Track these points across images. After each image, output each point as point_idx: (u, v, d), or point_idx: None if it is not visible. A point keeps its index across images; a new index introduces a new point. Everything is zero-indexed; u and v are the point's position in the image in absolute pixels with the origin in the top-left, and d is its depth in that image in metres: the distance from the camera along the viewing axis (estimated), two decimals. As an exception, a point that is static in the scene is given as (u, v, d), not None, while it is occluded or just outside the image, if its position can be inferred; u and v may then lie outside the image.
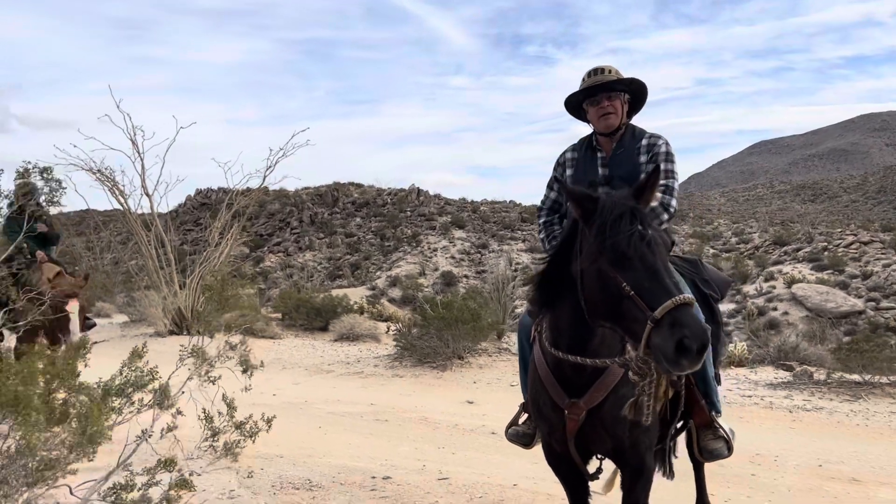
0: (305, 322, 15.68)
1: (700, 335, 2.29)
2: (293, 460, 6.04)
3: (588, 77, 3.73)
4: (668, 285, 2.42)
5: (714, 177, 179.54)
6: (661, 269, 2.47)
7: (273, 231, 50.25)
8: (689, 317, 2.33)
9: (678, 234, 51.13)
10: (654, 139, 3.71)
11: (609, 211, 2.60)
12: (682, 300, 2.35)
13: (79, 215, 41.11)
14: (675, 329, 2.30)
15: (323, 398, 8.69)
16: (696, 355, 2.28)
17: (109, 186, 14.15)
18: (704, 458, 3.62)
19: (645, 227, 2.55)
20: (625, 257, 2.50)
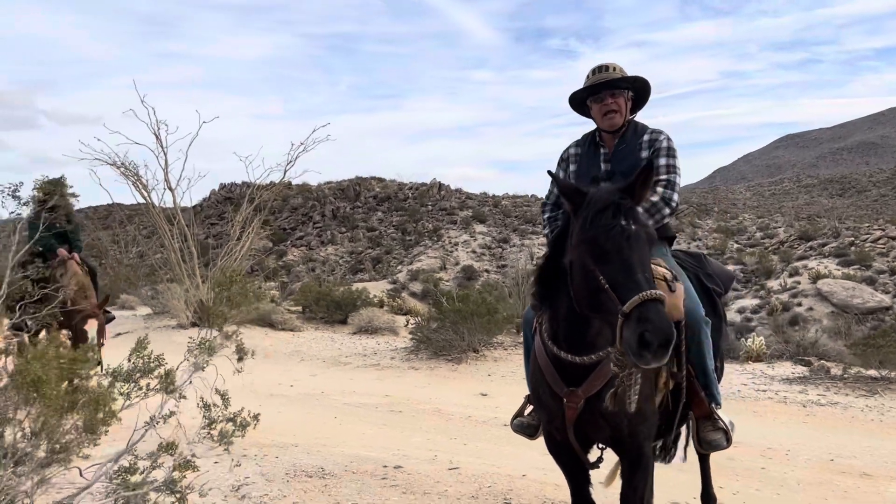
0: (325, 315, 15.82)
1: (662, 331, 2.34)
2: (307, 449, 6.16)
3: (592, 74, 3.77)
4: (640, 280, 2.48)
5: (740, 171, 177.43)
6: (635, 265, 2.52)
7: (296, 225, 50.61)
8: (654, 312, 2.38)
9: (702, 228, 50.74)
10: (656, 134, 3.74)
11: (593, 205, 2.67)
12: (649, 296, 2.41)
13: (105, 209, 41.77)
14: (639, 324, 2.37)
15: (339, 389, 8.83)
16: (659, 349, 2.34)
17: (133, 181, 14.41)
18: (704, 449, 3.66)
19: (628, 222, 2.61)
20: (603, 251, 2.57)
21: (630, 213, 2.64)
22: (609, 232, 2.58)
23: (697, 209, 60.69)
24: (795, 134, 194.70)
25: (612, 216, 2.61)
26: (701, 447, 3.63)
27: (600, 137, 3.84)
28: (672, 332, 2.37)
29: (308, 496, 5.06)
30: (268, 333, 13.41)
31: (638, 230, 2.61)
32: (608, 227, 2.58)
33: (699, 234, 47.67)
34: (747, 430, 7.02)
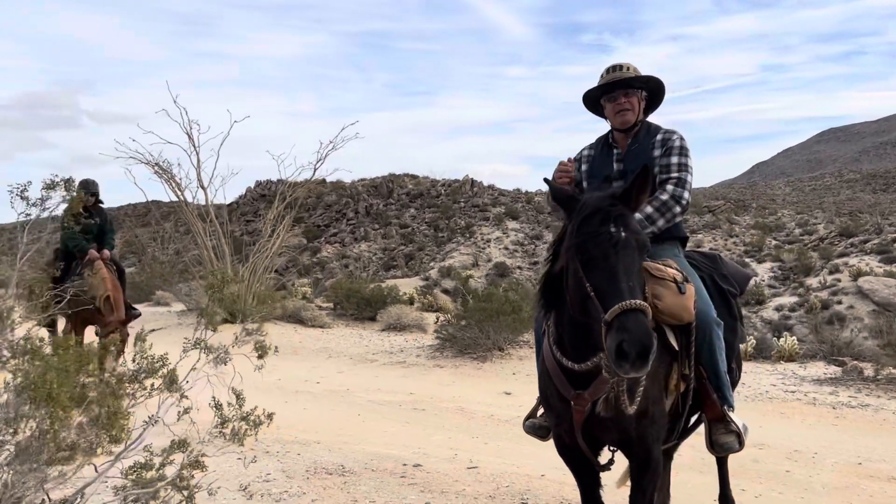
0: (356, 312, 15.93)
1: (640, 342, 2.33)
2: (329, 446, 6.23)
3: (606, 73, 3.76)
4: (622, 289, 2.46)
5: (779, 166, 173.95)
6: (619, 272, 2.51)
7: (330, 222, 50.99)
8: (633, 322, 2.37)
9: (739, 224, 49.87)
10: (669, 134, 3.72)
11: (582, 211, 2.67)
12: (629, 305, 2.40)
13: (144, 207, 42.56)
14: (618, 333, 2.37)
15: (364, 387, 8.89)
16: (637, 360, 2.34)
17: (167, 179, 14.67)
18: (716, 452, 3.63)
19: (618, 229, 2.59)
20: (590, 257, 2.57)
21: (620, 220, 2.62)
22: (596, 238, 2.57)
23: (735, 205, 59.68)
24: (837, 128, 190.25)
25: (601, 223, 2.60)
26: (713, 450, 3.60)
27: (613, 138, 3.82)
28: (651, 343, 2.36)
29: (327, 493, 5.12)
30: (297, 330, 13.56)
31: (627, 237, 2.59)
32: (595, 234, 2.58)
33: (736, 231, 46.86)
34: (774, 432, 6.92)
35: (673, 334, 3.32)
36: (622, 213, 2.66)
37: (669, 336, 3.28)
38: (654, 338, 2.39)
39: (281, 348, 12.18)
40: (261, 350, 3.58)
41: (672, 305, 3.24)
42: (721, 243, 44.70)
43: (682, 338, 3.36)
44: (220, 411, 3.03)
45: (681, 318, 3.28)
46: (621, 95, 3.68)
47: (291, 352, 11.62)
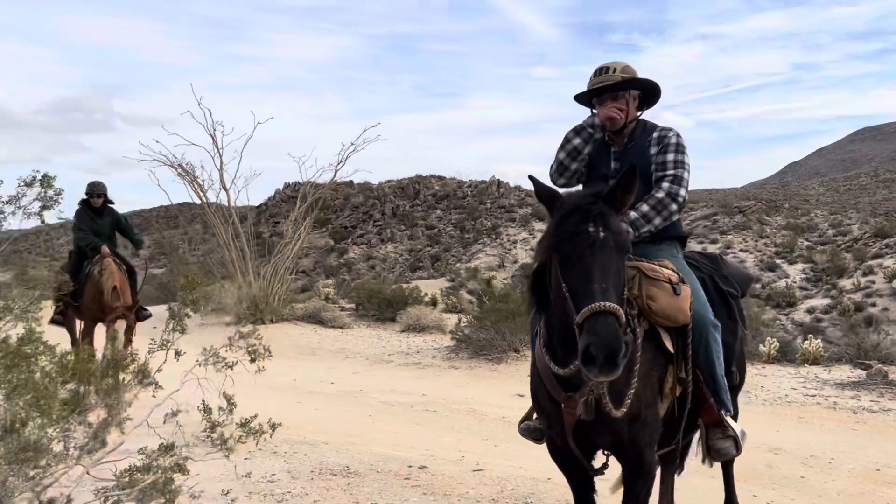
0: (377, 313, 15.95)
1: (607, 346, 2.27)
2: (337, 447, 6.22)
3: (594, 76, 3.68)
4: (594, 290, 2.40)
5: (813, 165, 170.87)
6: (594, 273, 2.45)
7: (357, 223, 51.26)
8: (601, 325, 2.32)
9: (770, 225, 49.06)
10: (665, 132, 3.64)
11: (561, 209, 2.62)
12: (598, 308, 2.34)
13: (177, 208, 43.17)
14: (586, 336, 2.32)
15: (378, 387, 8.88)
16: (605, 365, 2.28)
17: (189, 181, 14.84)
18: (712, 458, 3.54)
19: (596, 228, 2.53)
20: (567, 257, 2.52)
21: (599, 219, 2.56)
22: (573, 238, 2.52)
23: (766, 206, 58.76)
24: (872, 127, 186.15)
25: (579, 221, 2.55)
26: (710, 455, 3.51)
27: (609, 137, 3.75)
28: (619, 347, 2.29)
29: (329, 494, 5.11)
30: (317, 330, 13.61)
31: (606, 237, 2.53)
32: (573, 233, 2.52)
33: (767, 232, 46.14)
34: (790, 437, 6.76)
35: (668, 336, 3.24)
36: (602, 212, 2.59)
37: (664, 338, 3.21)
38: (625, 342, 2.33)
39: (299, 349, 12.36)
40: (253, 353, 3.57)
41: (666, 307, 3.17)
42: (751, 244, 44.06)
43: (678, 340, 3.28)
44: (209, 415, 3.01)
45: (676, 320, 3.21)
46: (609, 99, 3.61)
47: (309, 352, 11.68)
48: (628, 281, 3.19)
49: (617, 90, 3.60)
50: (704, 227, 47.52)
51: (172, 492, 2.60)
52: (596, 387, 2.68)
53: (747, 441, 6.54)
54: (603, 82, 3.60)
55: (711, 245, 44.12)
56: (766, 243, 44.25)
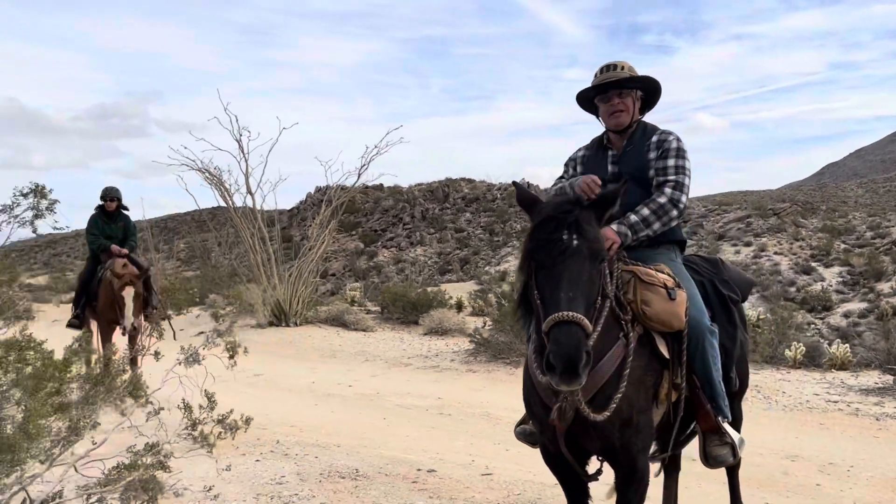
0: (402, 316, 16.02)
1: (564, 355, 2.27)
2: (348, 450, 6.24)
3: (600, 73, 3.66)
4: (560, 299, 2.40)
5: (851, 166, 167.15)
6: (562, 282, 2.45)
7: (386, 227, 51.43)
8: (563, 335, 2.31)
9: (806, 228, 48.16)
10: (665, 135, 3.59)
11: (537, 216, 2.62)
12: (561, 317, 2.34)
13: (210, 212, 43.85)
14: (549, 345, 2.33)
15: (394, 391, 8.91)
16: (564, 374, 2.28)
17: (216, 185, 15.05)
18: (709, 465, 3.48)
19: (570, 236, 2.52)
20: (540, 265, 2.53)
21: (574, 227, 2.55)
22: (546, 246, 2.52)
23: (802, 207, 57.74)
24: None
25: (554, 229, 2.54)
26: (707, 462, 3.46)
27: (608, 139, 3.72)
28: (579, 357, 2.28)
29: (336, 497, 5.13)
30: (339, 333, 13.70)
31: (579, 245, 2.52)
32: (546, 241, 2.53)
33: (802, 234, 45.28)
34: (809, 444, 6.62)
35: (664, 342, 3.21)
36: (577, 220, 2.59)
37: (659, 343, 3.18)
38: (586, 351, 2.32)
39: (321, 351, 12.48)
40: (231, 350, 3.60)
41: (661, 312, 3.14)
42: (786, 247, 43.21)
43: (673, 345, 3.24)
44: (189, 413, 3.05)
45: (670, 325, 3.17)
46: (615, 96, 3.58)
47: (330, 355, 11.76)
48: (623, 285, 3.18)
49: (624, 87, 3.57)
50: (738, 229, 46.75)
51: (154, 489, 2.64)
52: (568, 394, 2.67)
53: (764, 447, 6.46)
54: (610, 78, 3.57)
55: (745, 248, 43.47)
56: (802, 246, 43.37)
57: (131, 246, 8.55)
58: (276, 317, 14.15)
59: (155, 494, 2.61)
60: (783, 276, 36.35)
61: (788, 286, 34.86)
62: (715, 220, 48.83)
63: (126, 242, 8.56)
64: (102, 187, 8.62)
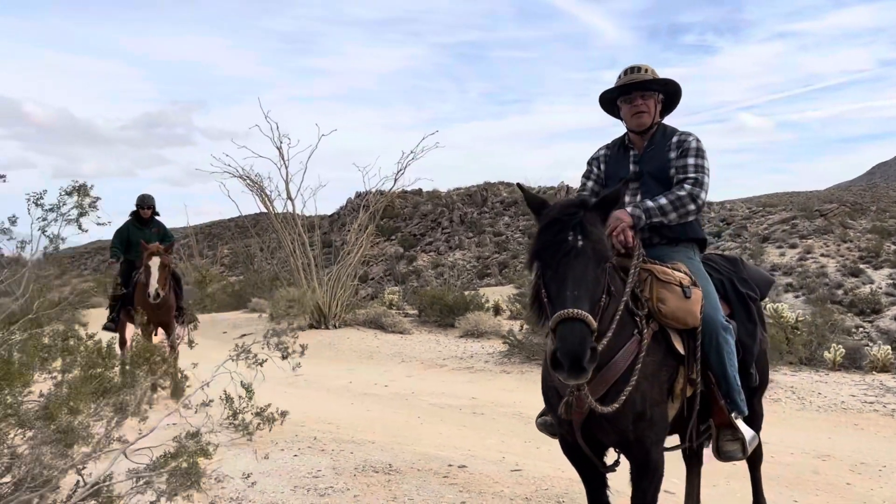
0: (438, 318, 16.21)
1: (570, 352, 2.38)
2: (382, 446, 6.43)
3: (624, 75, 3.77)
4: (566, 297, 2.50)
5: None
6: (568, 280, 2.56)
7: (425, 231, 51.76)
8: (567, 331, 2.42)
9: (854, 229, 47.04)
10: (685, 136, 3.70)
11: (543, 219, 2.74)
12: (566, 315, 2.45)
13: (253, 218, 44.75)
14: (555, 342, 2.44)
15: (429, 391, 9.08)
16: (571, 369, 2.39)
17: (257, 192, 15.45)
18: (720, 459, 3.57)
19: (575, 237, 2.64)
20: (546, 265, 2.65)
21: (579, 228, 2.67)
22: (551, 246, 2.64)
23: (851, 208, 56.39)
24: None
25: (558, 231, 2.66)
26: (718, 456, 3.55)
27: (629, 140, 3.83)
28: (583, 353, 2.39)
29: (369, 490, 5.31)
30: (377, 335, 13.94)
31: (584, 246, 2.64)
32: (552, 242, 2.64)
33: (850, 236, 44.25)
34: (842, 444, 6.61)
35: (679, 338, 3.31)
36: (581, 222, 2.70)
37: (675, 340, 3.28)
38: (592, 348, 2.42)
39: (358, 353, 12.71)
40: (284, 351, 3.80)
41: (676, 309, 3.24)
42: (833, 248, 42.31)
43: (689, 342, 3.34)
44: (230, 404, 3.25)
45: (685, 322, 3.27)
46: (638, 97, 3.69)
47: (368, 356, 12.00)
48: (640, 283, 3.29)
49: (647, 89, 3.68)
50: (783, 231, 45.90)
51: (196, 474, 2.84)
52: (577, 387, 2.79)
53: (795, 447, 6.47)
54: (634, 80, 3.69)
55: (790, 250, 42.65)
56: (850, 247, 42.42)
57: None
58: (315, 319, 14.46)
59: (197, 479, 2.81)
60: (830, 279, 35.62)
61: (835, 288, 34.16)
62: (759, 221, 48.04)
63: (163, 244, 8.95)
64: (138, 195, 9.07)
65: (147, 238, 8.81)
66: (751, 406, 4.04)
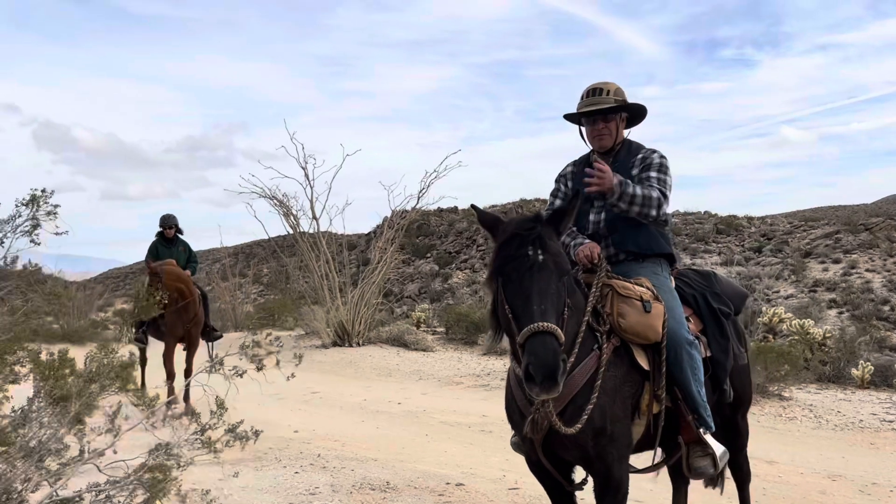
0: (465, 336, 16.20)
1: (543, 366, 2.39)
2: (384, 464, 6.45)
3: (586, 97, 3.76)
4: (534, 312, 2.52)
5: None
6: (533, 295, 2.57)
7: (461, 248, 51.75)
8: (539, 346, 2.43)
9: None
10: (649, 153, 3.69)
11: (501, 235, 2.76)
12: (536, 328, 2.46)
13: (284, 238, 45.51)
14: (526, 356, 2.45)
15: (441, 408, 9.09)
16: (544, 382, 2.39)
17: (284, 212, 15.69)
18: (692, 476, 3.52)
19: (535, 252, 2.65)
20: (508, 280, 2.65)
21: (538, 242, 2.69)
22: (513, 261, 2.65)
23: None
24: None
25: (518, 246, 2.68)
26: (689, 473, 3.50)
27: (595, 157, 3.83)
28: (556, 366, 2.40)
29: (363, 508, 5.35)
30: (399, 353, 14.00)
31: (545, 259, 2.66)
32: (513, 257, 2.66)
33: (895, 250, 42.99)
34: (855, 463, 6.42)
35: (643, 353, 3.29)
36: (540, 236, 2.72)
37: (638, 355, 3.27)
38: (563, 360, 2.44)
39: (377, 370, 12.76)
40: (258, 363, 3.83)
41: (636, 324, 3.23)
42: (879, 263, 41.14)
43: (654, 357, 3.32)
44: (197, 419, 3.31)
45: (646, 337, 3.26)
46: (600, 121, 3.70)
47: (387, 374, 12.05)
48: (601, 299, 3.29)
49: (608, 114, 3.69)
50: (826, 246, 44.77)
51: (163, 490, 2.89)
52: (543, 405, 2.79)
53: (805, 466, 6.32)
54: (595, 104, 3.68)
55: (834, 265, 41.61)
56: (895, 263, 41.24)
57: (193, 269, 9.16)
58: (339, 337, 14.58)
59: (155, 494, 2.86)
60: (876, 294, 34.64)
61: (881, 304, 33.18)
62: (801, 236, 46.94)
63: (188, 265, 9.16)
64: (161, 215, 9.32)
65: (174, 256, 9.09)
66: (733, 423, 3.99)
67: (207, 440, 3.28)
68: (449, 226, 53.66)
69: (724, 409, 3.82)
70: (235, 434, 3.64)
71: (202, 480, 5.47)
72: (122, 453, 3.57)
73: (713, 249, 45.70)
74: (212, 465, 5.65)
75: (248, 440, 3.81)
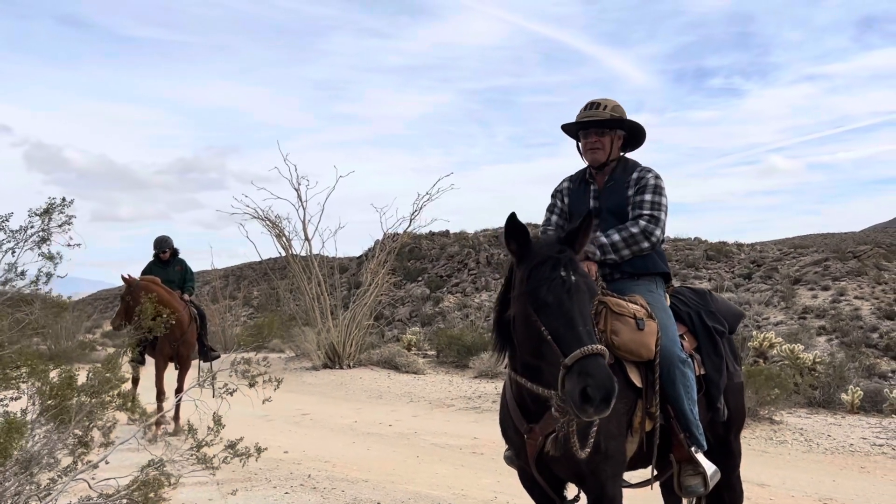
0: (456, 359, 16.15)
1: (603, 386, 2.40)
2: (375, 485, 6.41)
3: (584, 110, 3.80)
4: (581, 333, 2.54)
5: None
6: (576, 317, 2.59)
7: (452, 272, 51.73)
8: (595, 367, 2.44)
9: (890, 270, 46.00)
10: (644, 173, 3.71)
11: (533, 258, 2.76)
12: (590, 350, 2.47)
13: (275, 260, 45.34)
14: (581, 377, 2.43)
15: (432, 430, 9.03)
16: (601, 404, 2.41)
17: (277, 234, 15.69)
18: (683, 495, 3.51)
19: (568, 274, 2.68)
20: (545, 303, 2.64)
21: (570, 265, 2.72)
22: (550, 284, 2.66)
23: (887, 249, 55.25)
24: None
25: (552, 268, 2.69)
26: (680, 492, 3.49)
27: (591, 174, 3.86)
28: (613, 387, 2.42)
29: (353, 528, 5.31)
30: (390, 376, 13.94)
31: (578, 281, 2.69)
32: (549, 280, 2.66)
33: (885, 278, 43.30)
34: (845, 487, 6.41)
35: (637, 371, 3.30)
36: (571, 259, 2.75)
37: (631, 372, 3.28)
38: (616, 381, 2.46)
39: (368, 392, 12.71)
40: (251, 380, 3.84)
41: (629, 341, 3.25)
42: (867, 290, 41.37)
43: (647, 374, 3.33)
44: (194, 434, 3.30)
45: (639, 355, 3.27)
46: (594, 134, 3.73)
47: (377, 396, 11.98)
48: (596, 316, 3.30)
49: (604, 126, 3.72)
50: (815, 273, 45.05)
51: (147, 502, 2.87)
52: (567, 423, 2.78)
53: (797, 489, 6.31)
54: (592, 117, 3.72)
55: (823, 292, 41.80)
56: (885, 290, 41.43)
57: (190, 289, 9.11)
58: (330, 359, 14.51)
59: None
60: (864, 322, 34.76)
61: (870, 332, 33.30)
62: (790, 263, 47.18)
63: (185, 285, 9.12)
64: (155, 238, 9.28)
65: (170, 275, 9.02)
66: (725, 442, 3.99)
67: (203, 456, 3.26)
68: (440, 249, 53.71)
69: (718, 429, 3.81)
70: (235, 451, 3.63)
71: (193, 501, 5.45)
72: (112, 472, 3.56)
73: (703, 276, 45.86)
74: (203, 486, 5.64)
75: (248, 457, 3.80)
